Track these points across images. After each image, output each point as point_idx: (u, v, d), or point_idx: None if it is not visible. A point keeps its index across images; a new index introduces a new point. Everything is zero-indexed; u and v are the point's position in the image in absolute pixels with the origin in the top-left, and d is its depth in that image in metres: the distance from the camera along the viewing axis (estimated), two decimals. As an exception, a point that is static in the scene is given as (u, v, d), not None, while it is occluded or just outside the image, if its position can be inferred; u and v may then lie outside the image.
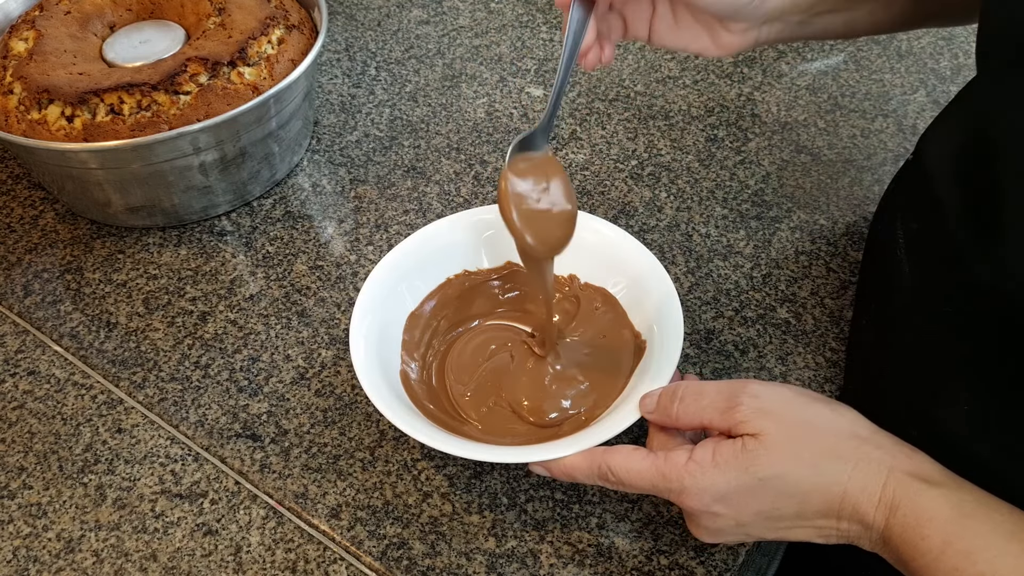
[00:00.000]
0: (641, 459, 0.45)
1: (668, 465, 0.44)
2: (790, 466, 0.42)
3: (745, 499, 0.42)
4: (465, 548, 0.50)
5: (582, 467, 0.46)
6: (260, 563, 0.50)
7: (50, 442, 0.56)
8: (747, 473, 0.42)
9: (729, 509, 0.43)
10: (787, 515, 0.43)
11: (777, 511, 0.42)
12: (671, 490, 0.43)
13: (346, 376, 0.59)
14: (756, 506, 0.43)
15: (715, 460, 0.43)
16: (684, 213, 0.68)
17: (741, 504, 0.43)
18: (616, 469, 0.45)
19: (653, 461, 0.44)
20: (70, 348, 0.61)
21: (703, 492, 0.43)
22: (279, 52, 0.67)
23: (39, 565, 0.51)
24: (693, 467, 0.43)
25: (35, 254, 0.68)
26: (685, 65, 0.82)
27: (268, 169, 0.70)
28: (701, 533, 0.45)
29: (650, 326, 0.55)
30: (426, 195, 0.71)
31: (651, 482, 0.44)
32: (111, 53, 0.68)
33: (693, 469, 0.43)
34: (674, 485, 0.43)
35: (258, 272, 0.66)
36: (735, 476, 0.42)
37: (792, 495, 0.42)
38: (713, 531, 0.44)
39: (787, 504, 0.42)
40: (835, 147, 0.74)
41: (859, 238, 0.66)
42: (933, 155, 0.51)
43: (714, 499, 0.43)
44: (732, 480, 0.42)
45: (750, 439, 0.42)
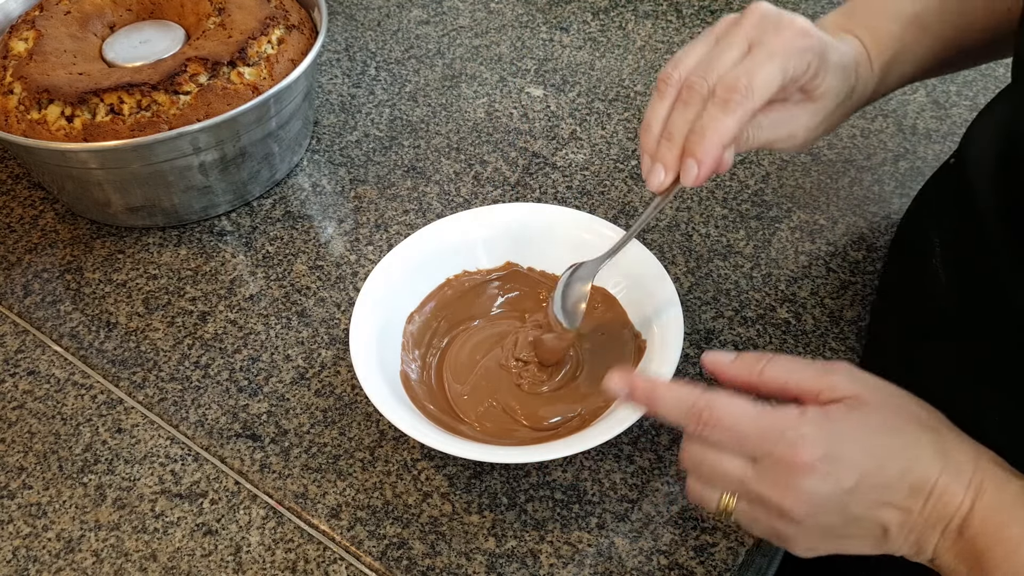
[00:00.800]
0: (750, 404, 0.42)
1: (782, 414, 0.41)
2: (900, 426, 0.41)
3: (856, 455, 0.41)
4: (465, 548, 0.50)
5: (673, 398, 0.43)
6: (260, 563, 0.50)
7: (50, 442, 0.56)
8: (864, 427, 0.41)
9: (838, 467, 0.40)
10: (888, 482, 0.41)
11: (881, 473, 0.41)
12: (783, 438, 0.41)
13: (346, 376, 0.59)
14: (864, 463, 0.41)
15: (829, 415, 0.41)
16: (684, 213, 0.68)
17: (851, 461, 0.41)
18: (718, 408, 0.42)
19: (763, 409, 0.42)
20: (70, 348, 0.61)
21: (822, 441, 0.40)
22: (279, 52, 0.67)
23: (39, 565, 0.51)
24: (814, 416, 0.41)
25: (35, 254, 0.68)
26: (685, 65, 0.82)
27: (268, 169, 0.70)
28: (799, 505, 0.41)
29: (650, 326, 0.55)
30: (426, 195, 0.71)
31: (760, 428, 0.41)
32: (111, 53, 0.68)
33: (814, 418, 0.41)
34: (790, 433, 0.41)
35: (258, 272, 0.66)
36: (853, 427, 0.41)
37: (898, 457, 0.41)
38: (814, 501, 0.41)
39: (892, 467, 0.41)
40: (835, 147, 0.74)
41: (859, 238, 0.66)
42: (972, 160, 0.50)
43: (830, 449, 0.40)
44: (848, 432, 0.41)
45: (852, 400, 0.42)
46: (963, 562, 0.42)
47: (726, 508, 0.43)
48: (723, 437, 0.42)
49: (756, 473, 0.41)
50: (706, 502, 0.44)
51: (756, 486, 0.41)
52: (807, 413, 0.41)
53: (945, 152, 0.72)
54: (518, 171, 0.72)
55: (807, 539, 0.43)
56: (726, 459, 0.42)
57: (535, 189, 0.71)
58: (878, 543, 0.43)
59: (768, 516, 0.42)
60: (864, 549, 0.43)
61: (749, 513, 0.43)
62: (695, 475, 0.44)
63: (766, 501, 0.41)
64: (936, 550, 0.42)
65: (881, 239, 0.66)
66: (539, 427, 0.53)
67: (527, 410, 0.53)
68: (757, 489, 0.42)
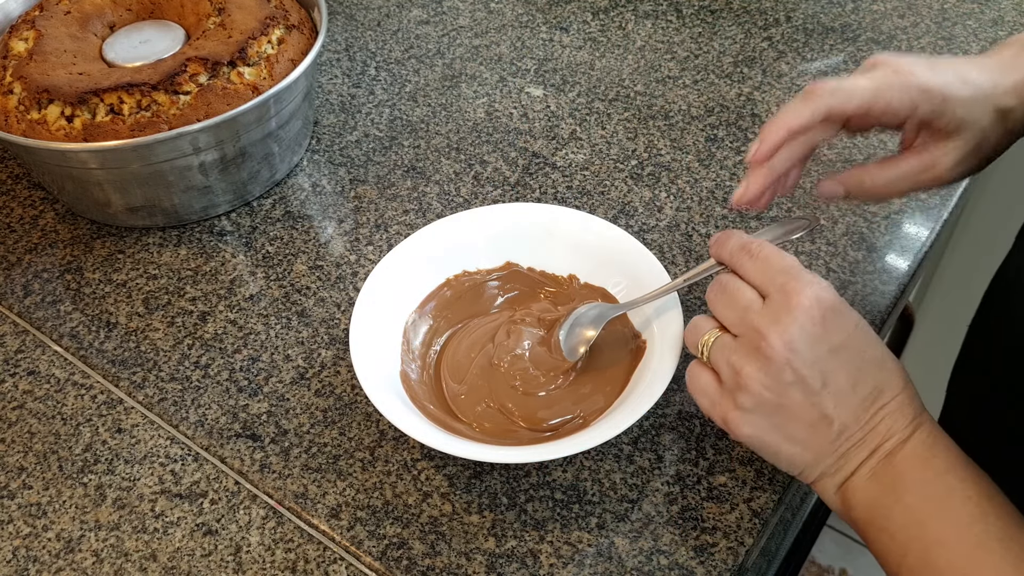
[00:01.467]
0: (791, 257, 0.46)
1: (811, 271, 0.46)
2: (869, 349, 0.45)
3: (851, 327, 0.44)
4: (465, 548, 0.50)
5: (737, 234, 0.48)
6: (260, 563, 0.50)
7: (50, 442, 0.56)
8: (852, 309, 0.45)
9: (833, 323, 0.43)
10: (862, 369, 0.44)
11: (863, 355, 0.44)
12: (801, 277, 0.44)
13: (346, 376, 0.59)
14: (855, 336, 0.44)
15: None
16: (684, 213, 0.68)
17: (846, 327, 0.44)
18: (767, 247, 0.46)
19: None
20: (70, 348, 0.61)
21: (831, 297, 0.44)
22: (279, 52, 0.67)
23: (39, 565, 0.51)
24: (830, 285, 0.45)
25: (35, 254, 0.68)
26: (685, 65, 0.82)
27: (268, 169, 0.70)
28: (779, 342, 0.43)
29: (650, 326, 0.55)
30: (426, 195, 0.71)
31: (788, 263, 0.45)
32: (111, 53, 0.68)
33: (831, 286, 0.45)
34: (808, 276, 0.44)
35: (258, 272, 0.66)
36: (855, 313, 0.45)
37: (879, 355, 0.45)
38: (794, 344, 0.43)
39: (871, 357, 0.45)
40: (835, 147, 0.74)
41: (859, 238, 0.66)
42: None
43: (834, 307, 0.44)
44: (853, 311, 0.45)
45: None
46: (878, 483, 0.44)
47: (707, 342, 0.47)
48: (755, 266, 0.46)
49: (761, 306, 0.45)
50: (696, 331, 0.48)
51: (754, 316, 0.44)
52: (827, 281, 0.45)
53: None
54: (518, 171, 0.72)
55: (758, 400, 0.44)
56: (745, 288, 0.46)
57: (535, 189, 0.71)
58: (816, 440, 0.45)
59: (742, 353, 0.44)
60: (795, 454, 0.45)
61: (727, 347, 0.45)
62: (710, 296, 0.48)
63: (754, 332, 0.44)
64: (857, 468, 0.45)
65: (881, 239, 0.66)
66: (537, 428, 0.53)
67: (524, 412, 0.53)
68: (751, 318, 0.44)
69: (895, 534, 0.43)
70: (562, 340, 0.55)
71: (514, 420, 0.53)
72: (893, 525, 0.43)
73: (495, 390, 0.54)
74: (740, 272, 0.46)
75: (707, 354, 0.47)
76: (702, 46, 0.84)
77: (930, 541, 0.42)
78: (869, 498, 0.44)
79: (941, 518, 0.42)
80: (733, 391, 0.45)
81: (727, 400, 0.45)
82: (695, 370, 0.48)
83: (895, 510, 0.43)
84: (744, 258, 0.46)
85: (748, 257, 0.46)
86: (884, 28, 0.85)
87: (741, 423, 0.45)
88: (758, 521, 0.51)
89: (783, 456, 0.46)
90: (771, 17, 0.87)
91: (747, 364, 0.44)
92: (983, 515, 0.42)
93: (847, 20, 0.86)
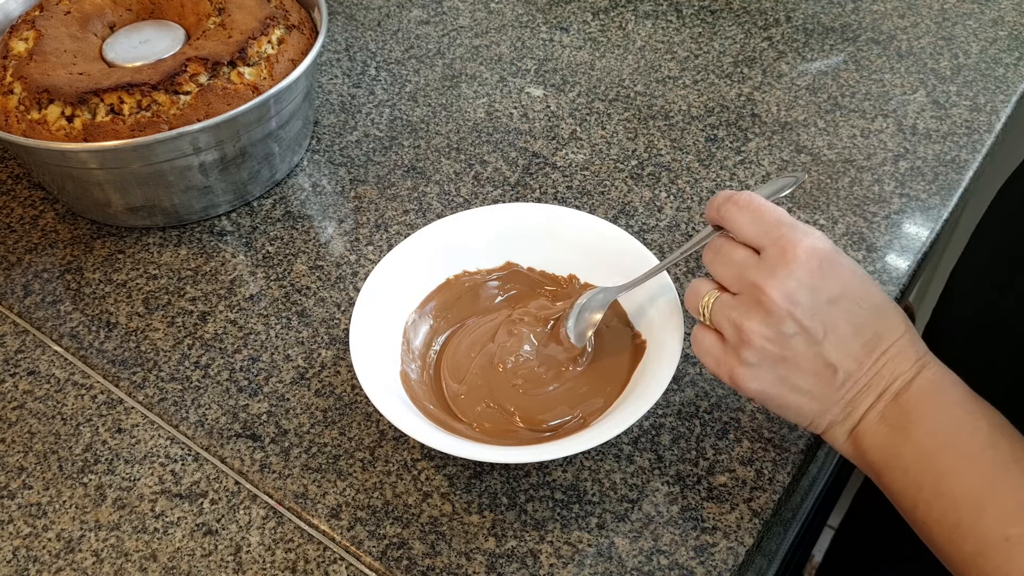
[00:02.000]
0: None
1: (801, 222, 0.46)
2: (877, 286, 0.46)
3: (848, 274, 0.44)
4: (465, 548, 0.50)
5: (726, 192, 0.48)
6: (260, 563, 0.50)
7: (50, 442, 0.56)
8: (858, 266, 0.46)
9: (830, 273, 0.44)
10: (863, 317, 0.44)
11: (861, 303, 0.44)
12: (796, 228, 0.44)
13: (346, 376, 0.59)
14: (852, 284, 0.44)
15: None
16: (684, 213, 0.68)
17: (843, 276, 0.44)
18: (750, 194, 0.46)
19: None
20: (70, 348, 0.61)
21: (826, 247, 0.44)
22: (279, 52, 0.67)
23: (39, 565, 0.51)
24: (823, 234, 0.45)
25: (35, 254, 0.68)
26: (685, 65, 0.82)
27: (268, 169, 0.70)
28: (780, 295, 0.43)
29: (650, 326, 0.55)
30: (426, 195, 0.71)
31: (779, 215, 0.45)
32: (111, 53, 0.68)
33: (824, 235, 0.45)
34: (803, 227, 0.44)
35: (258, 272, 0.66)
36: (850, 260, 0.45)
37: (877, 300, 0.45)
38: (794, 296, 0.43)
39: (870, 302, 0.45)
40: (835, 147, 0.74)
41: (859, 238, 0.66)
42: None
43: (830, 256, 0.44)
44: (847, 259, 0.45)
45: None
46: (887, 424, 0.44)
47: (707, 303, 0.47)
48: (746, 218, 0.45)
49: (757, 261, 0.45)
50: (695, 294, 0.48)
51: (751, 271, 0.44)
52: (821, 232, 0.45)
53: (945, 151, 0.72)
54: (518, 171, 0.72)
55: (762, 354, 0.44)
56: (739, 248, 0.46)
57: (535, 189, 0.71)
58: (821, 389, 0.45)
59: (742, 310, 0.45)
60: (802, 404, 0.45)
61: (727, 306, 0.46)
62: (706, 259, 0.48)
63: (753, 288, 0.44)
64: (865, 413, 0.45)
65: (881, 239, 0.66)
66: (537, 428, 0.53)
67: (524, 412, 0.53)
68: (749, 274, 0.44)
69: (907, 470, 0.43)
70: (571, 327, 0.55)
71: (514, 420, 0.53)
72: (905, 462, 0.43)
73: (495, 390, 0.54)
74: (731, 227, 0.46)
75: (708, 315, 0.47)
76: (702, 46, 0.84)
77: (943, 471, 0.42)
78: (880, 440, 0.44)
79: (952, 448, 0.42)
80: (737, 347, 0.45)
81: (731, 357, 0.46)
82: (699, 333, 0.48)
83: (905, 447, 0.43)
84: (733, 210, 0.46)
85: (736, 209, 0.46)
86: (884, 28, 0.85)
87: (747, 378, 0.45)
88: (758, 521, 0.51)
89: (791, 407, 0.46)
90: (771, 17, 0.87)
91: (748, 319, 0.44)
92: (994, 442, 0.42)
93: (847, 20, 0.86)
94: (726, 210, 0.46)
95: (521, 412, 0.53)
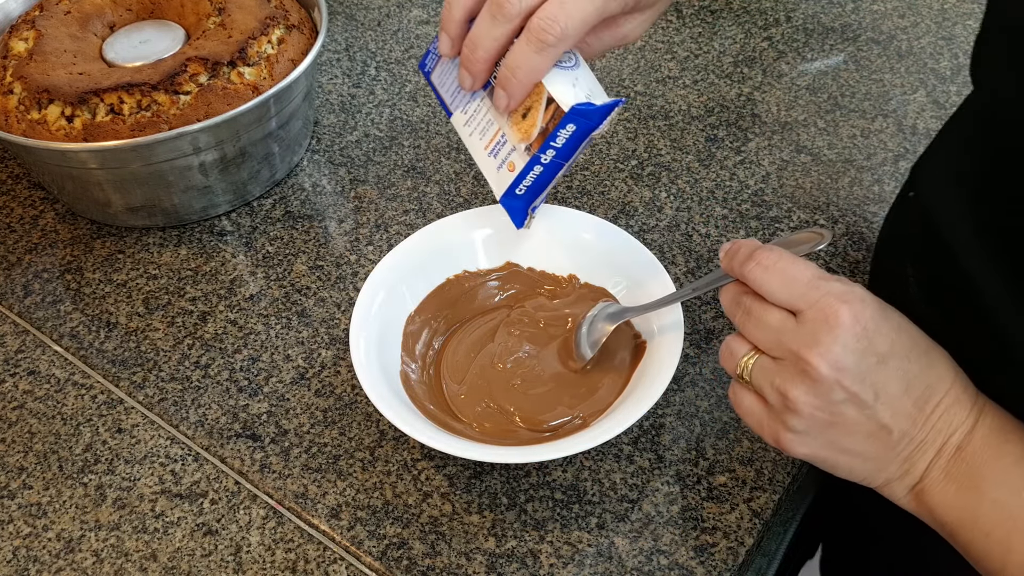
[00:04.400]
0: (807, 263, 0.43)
1: (835, 277, 0.43)
2: (919, 332, 0.43)
3: (893, 331, 0.42)
4: (465, 548, 0.50)
5: (742, 241, 0.45)
6: (260, 563, 0.50)
7: (50, 442, 0.56)
8: (900, 316, 0.43)
9: (876, 333, 0.41)
10: (911, 372, 0.42)
11: (909, 357, 0.42)
12: (832, 291, 0.41)
13: (346, 376, 0.59)
14: (899, 340, 0.42)
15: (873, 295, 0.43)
16: (684, 213, 0.69)
17: (888, 333, 0.42)
18: (777, 252, 0.43)
19: (818, 269, 0.43)
20: (70, 348, 0.61)
21: (870, 305, 0.42)
22: (279, 52, 0.67)
23: (39, 565, 0.51)
24: (862, 288, 0.43)
25: (35, 254, 0.68)
26: (685, 65, 0.82)
27: (268, 169, 0.70)
28: (824, 364, 0.41)
29: (650, 326, 0.55)
30: (426, 195, 0.71)
31: (811, 276, 0.42)
32: (111, 53, 0.68)
33: (863, 290, 0.42)
34: (839, 287, 0.42)
35: (258, 272, 0.66)
36: (892, 310, 0.43)
37: (923, 351, 0.43)
38: (840, 362, 0.41)
39: (918, 357, 0.43)
40: (835, 147, 0.74)
41: (859, 238, 0.66)
42: (930, 188, 0.51)
43: (875, 313, 0.41)
44: (890, 310, 0.43)
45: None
46: (954, 481, 0.42)
47: (746, 365, 0.44)
48: (774, 280, 0.43)
49: (795, 325, 0.42)
50: (732, 356, 0.45)
51: (790, 337, 0.42)
52: (857, 284, 0.43)
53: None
54: (518, 171, 0.72)
55: (810, 422, 0.42)
56: (771, 311, 0.43)
57: (535, 189, 0.71)
58: (875, 450, 0.43)
59: (786, 376, 0.42)
60: (855, 464, 0.44)
61: (768, 371, 0.43)
62: (739, 322, 0.45)
63: (794, 355, 0.42)
64: (927, 471, 0.43)
65: (881, 239, 0.66)
66: (537, 429, 0.53)
67: (524, 413, 0.53)
68: (789, 341, 0.42)
69: (990, 533, 0.41)
70: (583, 343, 0.54)
71: (514, 420, 0.53)
72: (986, 524, 0.41)
73: (495, 390, 0.54)
74: (760, 290, 0.44)
75: (748, 377, 0.45)
76: (702, 46, 0.84)
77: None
78: (949, 499, 0.42)
79: None
80: (781, 413, 0.43)
81: (776, 422, 0.44)
82: (738, 392, 0.46)
83: (982, 508, 0.41)
84: (758, 272, 0.43)
85: (762, 271, 0.43)
86: (884, 28, 0.85)
87: (794, 444, 0.43)
88: (758, 521, 0.51)
89: (841, 468, 0.44)
90: (771, 17, 0.87)
91: (793, 388, 0.42)
92: None
93: (847, 20, 0.86)
94: (751, 272, 0.44)
95: (521, 412, 0.53)
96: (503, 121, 0.52)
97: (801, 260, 0.43)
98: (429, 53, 0.55)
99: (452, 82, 0.54)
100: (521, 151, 0.51)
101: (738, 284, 0.46)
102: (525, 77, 0.47)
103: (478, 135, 0.54)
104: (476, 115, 0.53)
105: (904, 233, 0.54)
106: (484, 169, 0.54)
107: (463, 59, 0.49)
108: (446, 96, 0.55)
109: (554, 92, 0.48)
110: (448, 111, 0.55)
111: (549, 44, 0.46)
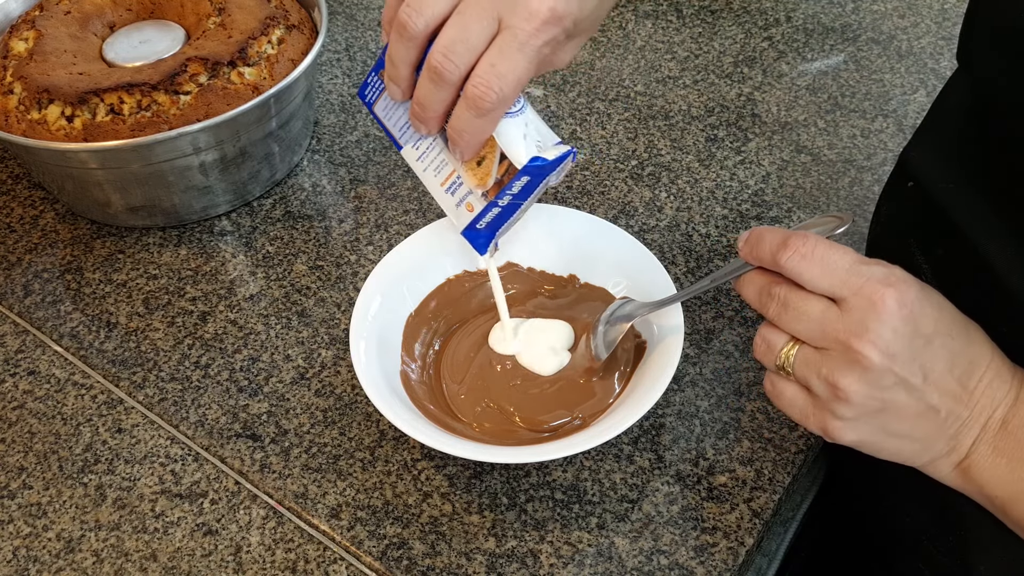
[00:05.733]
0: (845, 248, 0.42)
1: (875, 261, 0.42)
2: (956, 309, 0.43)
3: (935, 310, 0.42)
4: (465, 548, 0.50)
5: (772, 229, 0.44)
6: (260, 563, 0.50)
7: (50, 442, 0.56)
8: (940, 296, 0.43)
9: (920, 315, 0.41)
10: (955, 348, 0.42)
11: (952, 334, 0.42)
12: (875, 275, 0.41)
13: (346, 376, 0.59)
14: (942, 318, 0.42)
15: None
16: (684, 213, 0.69)
17: (932, 313, 0.42)
18: (813, 239, 0.42)
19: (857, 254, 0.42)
20: (70, 348, 0.61)
21: (913, 288, 0.41)
22: (279, 52, 0.67)
23: (39, 565, 0.51)
24: (902, 270, 0.42)
25: (35, 254, 0.68)
26: (685, 65, 0.82)
27: (268, 169, 0.70)
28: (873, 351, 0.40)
29: (650, 326, 0.55)
30: (426, 195, 0.71)
31: (852, 262, 0.41)
32: (111, 53, 0.68)
33: (904, 272, 0.42)
34: (880, 271, 0.41)
35: (258, 272, 0.66)
36: (932, 292, 0.42)
37: (963, 327, 0.43)
38: (890, 348, 0.40)
39: (959, 334, 0.42)
40: (835, 147, 0.74)
41: (859, 238, 0.66)
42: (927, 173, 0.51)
43: (919, 296, 0.41)
44: (931, 291, 0.42)
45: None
46: (1003, 455, 0.42)
47: (787, 357, 0.43)
48: (814, 268, 0.42)
49: (839, 314, 0.41)
50: (770, 348, 0.44)
51: (834, 326, 0.41)
52: (896, 266, 0.42)
53: (945, 152, 0.72)
54: (518, 171, 0.72)
55: (860, 410, 0.42)
56: (811, 300, 0.42)
57: (535, 189, 0.71)
58: (923, 431, 0.42)
59: (834, 366, 0.41)
60: (903, 446, 0.43)
61: (813, 362, 0.42)
62: (773, 314, 0.44)
63: (842, 344, 0.41)
64: (973, 446, 0.43)
65: (881, 239, 0.66)
66: (537, 429, 0.53)
67: (524, 413, 0.53)
68: (835, 331, 0.41)
69: None
70: (599, 343, 0.54)
71: (514, 420, 0.53)
72: None
73: (495, 390, 0.54)
74: (799, 279, 0.42)
75: (791, 369, 0.44)
76: (702, 46, 0.84)
77: None
78: (1001, 474, 0.42)
79: None
80: (830, 402, 0.42)
81: (823, 412, 0.43)
82: (778, 385, 0.45)
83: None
84: (796, 260, 0.42)
85: (800, 258, 0.42)
86: (884, 28, 0.85)
87: (843, 431, 0.43)
88: (758, 521, 0.51)
89: (888, 451, 0.44)
90: (771, 17, 0.87)
91: (843, 377, 0.41)
92: None
93: (847, 20, 0.86)
94: (788, 261, 0.42)
95: (521, 412, 0.53)
96: (457, 165, 0.51)
97: (837, 245, 0.42)
98: (367, 84, 0.54)
99: (400, 118, 0.53)
100: (478, 195, 0.51)
101: (762, 273, 0.45)
102: (472, 139, 0.48)
103: (432, 171, 0.53)
104: (429, 152, 0.53)
105: (907, 220, 0.54)
106: (441, 203, 0.54)
107: (413, 115, 0.49)
108: (394, 131, 0.54)
109: (507, 149, 0.49)
110: (397, 144, 0.54)
111: (487, 110, 0.46)
